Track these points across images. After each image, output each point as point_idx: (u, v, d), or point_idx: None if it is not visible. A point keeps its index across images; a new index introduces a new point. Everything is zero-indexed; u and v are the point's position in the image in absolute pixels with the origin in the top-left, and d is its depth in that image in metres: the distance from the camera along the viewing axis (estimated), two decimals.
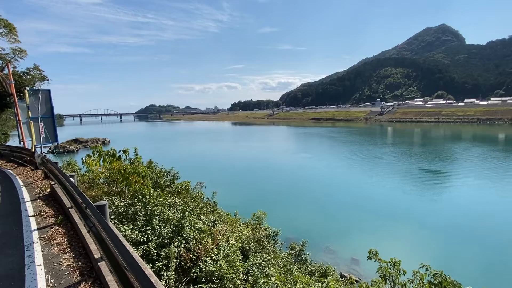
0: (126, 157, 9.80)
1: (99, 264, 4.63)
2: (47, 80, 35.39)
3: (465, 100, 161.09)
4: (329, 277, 8.42)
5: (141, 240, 5.97)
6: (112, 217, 6.69)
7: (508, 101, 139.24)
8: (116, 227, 6.10)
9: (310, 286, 6.20)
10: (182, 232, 6.47)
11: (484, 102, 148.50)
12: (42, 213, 7.94)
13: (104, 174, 9.48)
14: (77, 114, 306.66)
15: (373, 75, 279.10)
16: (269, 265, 6.36)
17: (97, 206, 5.17)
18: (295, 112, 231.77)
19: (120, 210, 7.06)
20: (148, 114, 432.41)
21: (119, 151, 9.44)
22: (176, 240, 6.19)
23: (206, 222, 7.88)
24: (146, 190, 7.93)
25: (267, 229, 10.06)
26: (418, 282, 6.23)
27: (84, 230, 5.92)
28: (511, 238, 19.33)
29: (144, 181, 8.51)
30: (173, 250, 5.64)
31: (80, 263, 5.13)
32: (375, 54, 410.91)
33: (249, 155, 59.38)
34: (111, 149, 9.21)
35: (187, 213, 7.06)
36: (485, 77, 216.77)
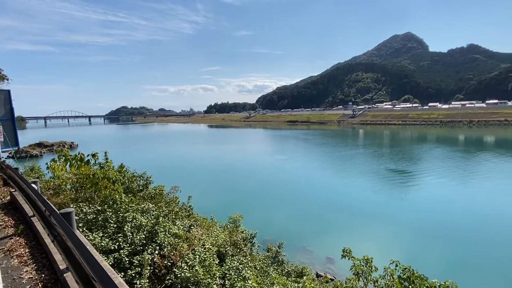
0: (95, 161, 9.34)
1: (64, 275, 4.36)
2: (7, 79, 32.82)
3: (429, 104, 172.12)
4: (305, 277, 8.55)
5: (112, 248, 5.69)
6: (80, 225, 6.34)
7: (466, 105, 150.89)
8: (85, 235, 5.78)
9: (287, 287, 6.25)
10: (156, 238, 6.26)
11: (446, 106, 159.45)
12: (0, 223, 7.34)
13: (71, 180, 8.96)
14: (42, 116, 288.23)
15: (345, 79, 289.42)
16: (246, 268, 6.33)
17: (62, 214, 4.87)
18: (271, 114, 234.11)
19: (89, 217, 6.70)
20: (120, 116, 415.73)
21: (88, 155, 8.98)
22: (150, 246, 5.98)
23: (182, 227, 7.69)
24: (117, 196, 7.60)
25: (244, 231, 10.02)
26: (389, 277, 6.50)
27: (48, 240, 5.54)
28: (472, 231, 20.81)
29: (115, 186, 8.15)
30: (147, 257, 5.44)
31: (43, 275, 4.80)
32: (347, 59, 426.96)
33: (226, 157, 59.01)
34: (79, 153, 8.74)
35: (161, 219, 6.86)
36: (447, 82, 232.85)
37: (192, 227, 8.02)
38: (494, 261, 16.87)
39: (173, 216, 8.48)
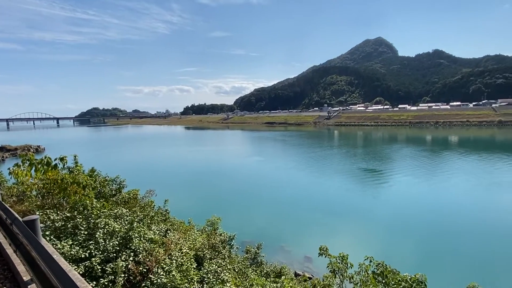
0: (64, 165, 8.83)
1: (29, 287, 4.08)
2: None
3: (399, 106, 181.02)
4: (283, 277, 8.63)
5: (83, 256, 5.41)
6: (47, 233, 5.96)
7: (433, 107, 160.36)
8: (52, 244, 5.44)
9: None
10: (131, 244, 6.04)
11: (414, 108, 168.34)
12: None
13: (36, 186, 8.41)
14: (4, 118, 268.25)
15: (321, 82, 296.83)
16: (225, 271, 6.28)
17: (25, 222, 4.55)
18: (249, 116, 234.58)
19: (57, 224, 6.32)
20: (91, 118, 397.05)
21: (55, 159, 8.48)
22: (124, 253, 5.75)
23: (158, 232, 7.47)
24: (88, 201, 7.24)
25: (222, 234, 9.93)
26: (363, 273, 6.73)
27: (10, 250, 5.16)
28: (438, 226, 22.07)
29: (85, 191, 7.76)
30: (120, 264, 5.23)
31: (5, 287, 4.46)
32: (322, 62, 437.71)
33: (203, 160, 58.26)
34: (45, 157, 8.23)
35: (135, 224, 6.62)
36: (415, 85, 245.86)
37: (169, 232, 7.83)
38: (458, 252, 18.03)
39: (149, 221, 8.22)
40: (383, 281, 6.47)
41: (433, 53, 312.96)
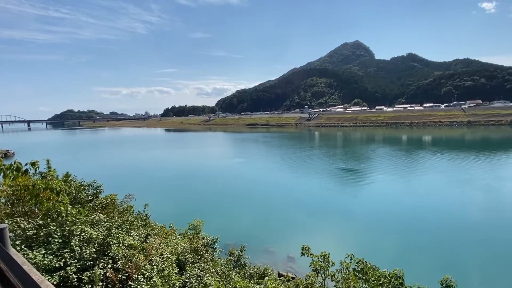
0: (36, 171, 8.37)
1: None
2: None
3: (376, 107, 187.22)
4: (266, 278, 8.65)
5: (57, 265, 5.16)
6: (17, 242, 5.63)
7: (408, 108, 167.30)
8: (23, 254, 5.15)
9: None
10: (109, 251, 5.83)
11: (390, 109, 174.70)
12: None
13: (5, 193, 7.92)
14: None
15: (301, 84, 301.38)
16: (208, 275, 6.21)
17: None
18: (231, 118, 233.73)
19: (28, 233, 5.98)
20: (65, 120, 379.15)
21: (26, 164, 8.03)
22: (102, 260, 5.55)
23: (137, 237, 7.27)
24: (62, 208, 6.91)
25: (205, 237, 9.82)
26: (345, 271, 6.88)
27: None
28: (413, 222, 22.98)
29: (59, 197, 7.41)
30: (98, 273, 5.04)
31: None
32: (302, 64, 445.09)
33: (184, 162, 57.39)
34: (15, 162, 7.77)
35: (114, 230, 6.40)
36: (391, 87, 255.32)
37: (149, 237, 7.63)
38: (432, 246, 18.86)
39: (128, 226, 7.97)
40: (364, 277, 6.64)
41: (407, 56, 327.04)
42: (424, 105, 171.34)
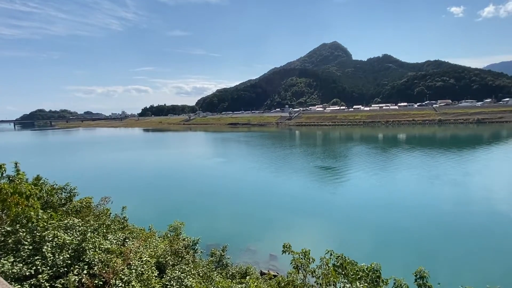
0: (2, 174, 7.89)
1: None
2: None
3: (354, 106, 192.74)
4: (248, 277, 8.67)
5: (28, 273, 4.90)
6: None
7: (383, 108, 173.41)
8: None
9: None
10: (84, 256, 5.61)
11: (367, 108, 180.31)
12: None
13: None
14: None
15: (282, 83, 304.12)
16: (189, 276, 6.13)
17: None
18: (212, 117, 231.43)
19: None
20: (35, 121, 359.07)
21: None
22: (77, 266, 5.32)
23: (115, 241, 7.04)
24: (32, 212, 6.55)
25: (186, 239, 9.67)
26: (325, 267, 7.03)
27: None
28: (388, 216, 23.91)
29: (29, 201, 7.02)
30: (72, 279, 4.84)
31: None
32: (282, 64, 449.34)
33: (164, 163, 56.23)
34: None
35: (89, 234, 6.16)
36: (367, 87, 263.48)
37: (127, 240, 7.42)
38: (406, 239, 19.73)
39: (104, 230, 7.70)
40: (343, 272, 6.82)
41: (383, 57, 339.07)
42: (399, 104, 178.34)
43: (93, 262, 5.56)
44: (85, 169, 50.79)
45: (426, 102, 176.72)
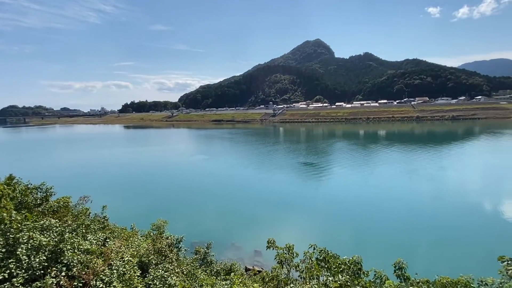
0: None
1: None
2: None
3: (336, 104, 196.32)
4: (232, 274, 8.70)
5: (1, 277, 4.67)
6: None
7: (364, 105, 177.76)
8: None
9: (215, 287, 6.25)
10: (62, 257, 5.41)
11: (349, 105, 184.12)
12: None
13: None
14: None
15: (266, 80, 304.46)
16: (172, 275, 6.06)
17: None
18: (195, 114, 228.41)
19: None
20: (7, 117, 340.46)
21: None
22: (54, 268, 5.13)
23: (95, 241, 6.84)
24: (5, 214, 6.25)
25: (169, 237, 9.55)
26: (308, 261, 7.17)
27: None
28: (370, 210, 24.64)
29: (1, 202, 6.70)
30: (50, 282, 4.66)
31: None
32: (266, 60, 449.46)
33: (146, 161, 55.04)
34: None
35: (67, 235, 5.95)
36: (349, 85, 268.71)
37: (108, 240, 7.23)
38: (385, 232, 20.44)
39: (84, 230, 7.46)
40: (326, 266, 6.99)
41: (364, 55, 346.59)
42: (379, 101, 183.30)
43: (71, 264, 5.38)
44: (62, 167, 48.89)
45: (405, 99, 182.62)
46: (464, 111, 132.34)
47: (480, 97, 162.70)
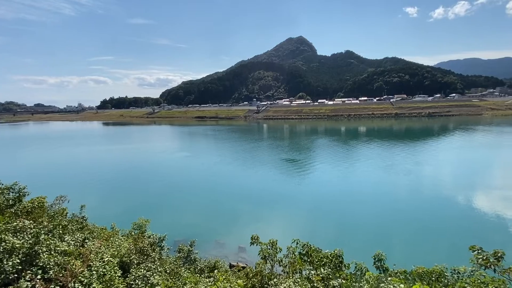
0: None
1: None
2: None
3: (319, 100, 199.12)
4: (216, 271, 8.69)
5: None
6: None
7: (346, 102, 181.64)
8: None
9: (199, 284, 6.22)
10: (38, 260, 5.20)
11: (331, 102, 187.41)
12: None
13: None
14: None
15: (249, 76, 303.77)
16: (155, 274, 5.97)
17: None
18: (178, 110, 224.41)
19: None
20: None
21: None
22: (29, 271, 4.92)
23: (73, 242, 6.62)
24: None
25: (151, 236, 9.39)
26: (291, 255, 7.28)
27: None
28: (351, 204, 25.31)
29: None
30: (24, 286, 4.47)
31: None
32: (249, 57, 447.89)
33: (126, 159, 53.66)
34: None
35: (43, 236, 5.72)
36: (331, 82, 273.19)
37: (87, 240, 7.02)
38: (365, 225, 21.10)
39: (60, 231, 7.20)
40: (308, 260, 7.13)
41: (345, 53, 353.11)
42: (360, 99, 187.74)
43: (48, 266, 5.18)
44: (36, 166, 46.76)
45: (384, 96, 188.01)
46: (439, 108, 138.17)
47: (454, 94, 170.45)
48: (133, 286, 5.53)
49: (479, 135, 68.72)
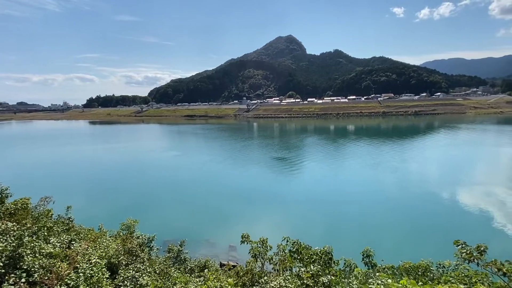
0: None
1: None
2: None
3: (308, 99, 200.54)
4: (206, 270, 8.66)
5: None
6: None
7: (335, 100, 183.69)
8: None
9: (189, 284, 6.18)
10: (21, 263, 5.05)
11: (320, 101, 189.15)
12: None
13: None
14: None
15: (239, 75, 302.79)
16: (144, 275, 5.89)
17: None
18: (166, 109, 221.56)
19: None
20: None
21: None
22: (12, 275, 4.77)
23: (58, 244, 6.46)
24: None
25: (140, 236, 9.26)
26: (281, 253, 7.32)
27: None
28: (339, 201, 25.65)
29: None
30: None
31: None
32: (239, 55, 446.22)
33: (114, 158, 52.71)
34: None
35: (27, 238, 5.56)
36: (321, 81, 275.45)
37: (74, 242, 6.85)
38: (354, 222, 21.46)
39: (46, 233, 7.01)
40: (298, 257, 7.19)
41: (334, 52, 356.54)
42: (348, 97, 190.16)
43: (32, 269, 5.04)
44: (19, 167, 45.34)
45: (372, 95, 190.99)
46: (425, 106, 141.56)
47: (439, 94, 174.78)
48: (122, 287, 5.45)
49: (463, 133, 70.77)
